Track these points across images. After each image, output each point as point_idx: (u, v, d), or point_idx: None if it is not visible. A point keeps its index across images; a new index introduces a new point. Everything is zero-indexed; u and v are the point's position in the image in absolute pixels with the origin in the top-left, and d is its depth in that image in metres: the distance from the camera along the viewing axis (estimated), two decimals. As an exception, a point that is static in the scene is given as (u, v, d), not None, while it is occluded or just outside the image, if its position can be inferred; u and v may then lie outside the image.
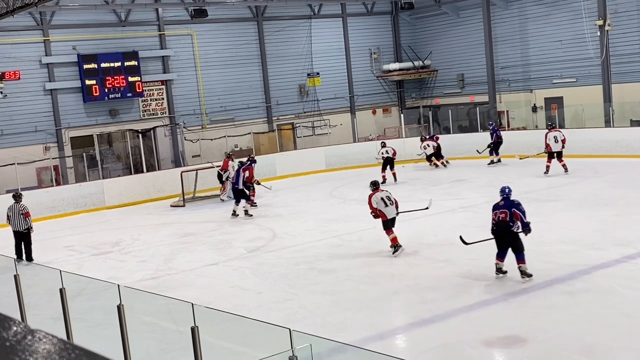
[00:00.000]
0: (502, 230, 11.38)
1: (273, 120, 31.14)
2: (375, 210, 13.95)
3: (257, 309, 10.79)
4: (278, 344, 5.94)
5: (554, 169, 21.41)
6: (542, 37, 29.32)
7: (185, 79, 29.14)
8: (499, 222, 11.38)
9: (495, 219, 11.43)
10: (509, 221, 11.27)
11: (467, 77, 32.63)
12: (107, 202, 23.80)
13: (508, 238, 11.36)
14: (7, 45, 25.31)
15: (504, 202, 11.49)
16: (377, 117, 33.69)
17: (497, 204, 11.56)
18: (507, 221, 11.28)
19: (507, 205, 11.40)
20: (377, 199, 13.95)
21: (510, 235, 11.33)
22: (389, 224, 13.90)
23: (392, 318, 10.76)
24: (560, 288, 10.95)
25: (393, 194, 14.38)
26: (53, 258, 16.18)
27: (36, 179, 25.32)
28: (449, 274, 12.18)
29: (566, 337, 9.07)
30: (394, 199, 14.08)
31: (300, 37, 31.79)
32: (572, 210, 16.42)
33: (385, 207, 13.86)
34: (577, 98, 27.49)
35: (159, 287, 12.60)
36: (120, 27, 27.73)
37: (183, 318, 7.00)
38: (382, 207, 13.87)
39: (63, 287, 8.91)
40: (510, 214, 11.28)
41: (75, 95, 26.80)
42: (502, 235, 11.41)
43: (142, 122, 28.21)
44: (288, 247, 15.44)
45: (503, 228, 11.35)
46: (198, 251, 16.07)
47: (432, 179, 23.19)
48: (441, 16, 33.24)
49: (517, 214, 11.28)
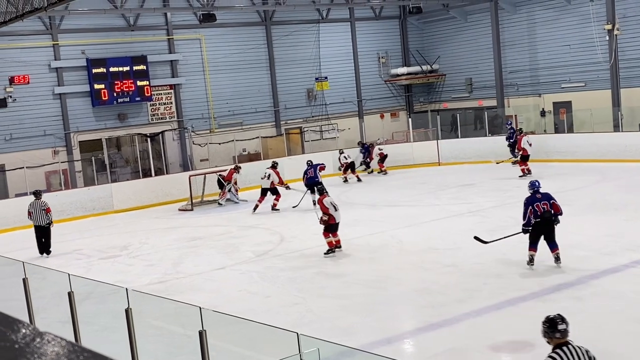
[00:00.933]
0: (545, 220, 11.92)
1: (281, 124, 31.17)
2: (328, 212, 14.45)
3: (264, 313, 10.79)
4: (286, 348, 5.94)
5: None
6: (551, 41, 29.26)
7: (193, 83, 29.19)
8: (544, 213, 11.88)
9: (539, 210, 11.88)
10: (550, 211, 11.92)
11: (475, 81, 32.59)
12: (115, 206, 23.86)
13: (548, 228, 11.97)
14: (16, 50, 25.42)
15: (541, 195, 12.04)
16: (385, 122, 33.67)
17: (534, 197, 12.00)
18: (550, 211, 11.91)
19: (546, 198, 12.01)
20: (328, 202, 14.56)
21: (550, 225, 11.98)
22: (334, 228, 14.56)
23: (399, 322, 10.74)
24: (569, 293, 10.91)
25: (398, 198, 14.38)
26: (62, 261, 16.23)
27: (45, 183, 25.40)
28: (457, 279, 12.16)
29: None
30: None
31: (308, 41, 31.81)
32: (581, 215, 16.36)
33: (335, 212, 14.49)
34: (586, 102, 27.42)
35: (167, 291, 12.62)
36: (129, 32, 27.82)
37: (191, 322, 7.01)
38: (332, 211, 14.48)
39: (71, 290, 8.93)
40: (550, 205, 11.93)
41: (84, 100, 26.89)
42: (544, 226, 11.96)
43: (151, 126, 28.28)
44: (296, 251, 15.44)
45: (547, 218, 11.91)
46: (206, 255, 16.08)
47: (440, 183, 23.16)
48: (449, 20, 33.22)
49: (557, 205, 11.99)
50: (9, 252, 16.36)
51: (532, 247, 12.06)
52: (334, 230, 14.61)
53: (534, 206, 11.90)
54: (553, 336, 6.02)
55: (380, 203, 20.74)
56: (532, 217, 11.91)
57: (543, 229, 11.94)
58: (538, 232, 11.99)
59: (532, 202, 11.95)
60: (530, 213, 11.90)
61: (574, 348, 5.90)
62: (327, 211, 14.44)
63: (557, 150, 25.14)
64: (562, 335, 5.99)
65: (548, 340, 6.07)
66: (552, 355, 5.86)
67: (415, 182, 23.92)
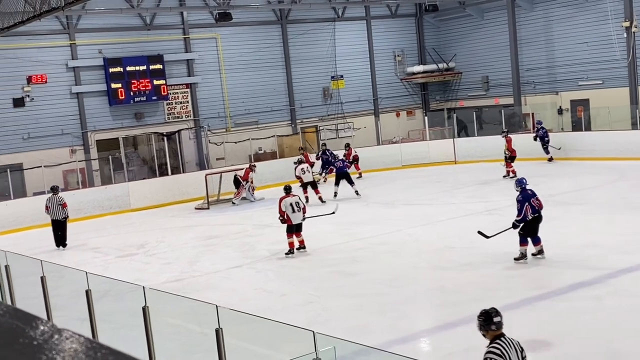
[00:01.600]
0: (540, 215, 12.42)
1: (297, 123, 31.18)
2: (284, 214, 14.71)
3: (280, 312, 10.81)
4: (302, 346, 5.95)
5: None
6: (568, 38, 29.08)
7: (209, 82, 29.26)
8: (539, 208, 12.42)
9: (536, 205, 12.37)
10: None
11: (491, 79, 32.45)
12: (132, 205, 23.98)
13: (539, 223, 12.46)
14: (34, 49, 25.59)
15: (531, 190, 12.66)
16: (401, 120, 33.61)
17: (528, 194, 12.51)
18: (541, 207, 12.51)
19: (535, 194, 12.63)
20: (287, 203, 14.77)
21: (540, 220, 12.48)
22: (293, 229, 14.82)
23: (415, 321, 10.72)
24: (587, 292, 10.85)
25: (414, 196, 14.35)
26: (79, 260, 16.33)
27: (62, 182, 25.55)
28: (473, 277, 12.11)
29: (592, 341, 8.98)
30: (302, 206, 14.94)
31: (324, 39, 31.80)
32: (598, 214, 16.26)
33: (292, 213, 14.72)
34: (603, 100, 27.22)
35: (183, 289, 12.66)
36: (146, 31, 27.93)
37: (207, 320, 7.02)
38: (289, 212, 14.71)
39: (89, 288, 8.99)
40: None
41: (101, 99, 27.03)
42: (537, 221, 12.41)
43: (167, 125, 28.38)
44: (312, 249, 15.44)
45: (540, 214, 12.43)
46: (222, 253, 16.13)
47: (456, 182, 23.08)
48: (466, 18, 33.10)
49: (541, 201, 12.61)
50: (27, 250, 16.49)
51: (525, 242, 12.44)
52: (295, 231, 14.87)
53: (531, 202, 12.36)
54: (489, 329, 6.30)
55: (397, 201, 20.70)
56: (529, 213, 12.30)
57: (536, 224, 12.40)
58: (532, 227, 12.40)
59: (528, 198, 12.40)
60: (527, 209, 12.29)
61: (509, 339, 6.21)
62: (283, 213, 14.72)
63: (575, 148, 24.99)
64: (497, 327, 6.27)
65: (484, 333, 6.36)
66: (494, 346, 6.14)
67: (431, 181, 23.86)
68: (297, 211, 14.77)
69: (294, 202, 14.82)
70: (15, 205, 22.49)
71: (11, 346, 1.18)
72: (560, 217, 15.97)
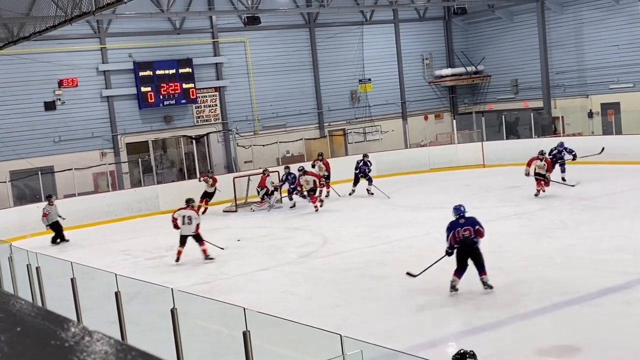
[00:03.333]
0: (467, 246, 11.53)
1: (325, 126, 31.21)
2: (175, 222, 15.85)
3: (307, 315, 10.81)
4: (329, 349, 5.95)
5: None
6: (598, 41, 28.78)
7: (238, 86, 29.40)
8: (463, 239, 11.51)
9: (458, 236, 11.52)
10: (473, 237, 11.50)
11: (521, 82, 32.20)
12: (161, 207, 24.12)
13: (472, 254, 11.54)
14: (65, 53, 25.88)
15: (465, 220, 11.65)
16: (428, 123, 33.48)
17: (457, 222, 11.64)
18: (472, 237, 11.50)
19: (469, 223, 11.61)
20: (180, 215, 15.87)
21: (474, 251, 11.53)
22: (183, 240, 15.80)
23: (443, 325, 10.67)
24: (617, 297, 10.73)
25: (442, 200, 14.28)
26: (109, 262, 16.47)
27: (93, 184, 25.83)
28: (502, 282, 12.02)
29: (622, 347, 8.88)
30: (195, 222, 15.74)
31: (352, 43, 31.80)
32: (629, 218, 16.06)
33: (183, 225, 15.80)
34: (635, 103, 26.89)
35: (211, 292, 12.72)
36: (175, 35, 28.13)
37: (235, 322, 7.05)
38: (179, 223, 15.83)
39: (118, 290, 9.06)
40: (474, 230, 11.51)
41: (131, 102, 27.27)
42: (466, 252, 11.55)
43: (196, 129, 28.55)
44: (339, 252, 15.44)
45: (468, 244, 11.52)
46: (250, 256, 16.18)
47: (485, 186, 22.93)
48: (494, 21, 32.90)
49: (481, 231, 11.59)
50: (57, 253, 16.68)
51: (457, 273, 11.58)
52: (183, 242, 15.71)
53: (455, 232, 11.57)
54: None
55: (424, 205, 20.62)
56: (453, 242, 11.57)
57: (467, 254, 11.55)
58: (461, 256, 11.60)
59: (453, 227, 11.65)
60: (452, 238, 11.57)
61: None
62: (175, 221, 15.88)
63: (606, 152, 24.70)
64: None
65: None
66: None
67: (459, 184, 23.71)
68: (187, 224, 15.71)
69: (186, 215, 15.74)
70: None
71: (43, 348, 1.20)
72: (590, 222, 15.82)
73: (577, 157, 21.82)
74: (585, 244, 11.89)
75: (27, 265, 11.53)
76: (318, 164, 23.71)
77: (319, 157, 24.09)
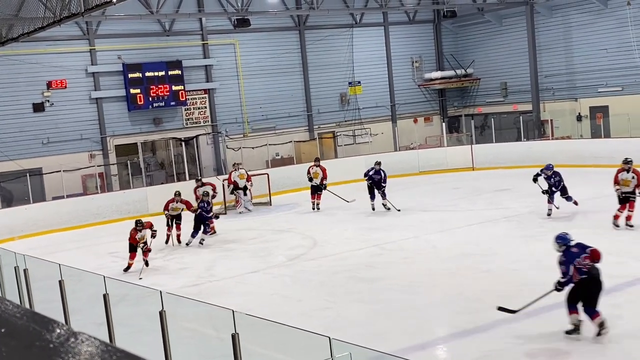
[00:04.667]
0: (596, 277, 9.28)
1: (314, 128, 31.21)
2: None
3: (297, 317, 10.80)
4: (318, 352, 5.94)
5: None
6: (587, 45, 28.93)
7: (227, 88, 29.37)
8: (592, 269, 9.26)
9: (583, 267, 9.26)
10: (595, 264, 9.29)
11: (510, 85, 32.33)
12: (150, 209, 24.02)
13: (599, 285, 9.27)
14: (54, 55, 25.79)
15: (576, 247, 9.47)
16: (418, 126, 33.54)
17: (571, 252, 9.40)
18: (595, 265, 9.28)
19: (582, 249, 9.41)
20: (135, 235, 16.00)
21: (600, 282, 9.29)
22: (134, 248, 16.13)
23: (433, 328, 10.68)
24: (605, 300, 10.73)
25: (432, 203, 14.29)
26: (97, 264, 16.41)
27: (81, 186, 25.73)
28: (491, 284, 12.05)
29: (611, 350, 8.90)
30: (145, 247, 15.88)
31: (341, 45, 31.84)
32: (618, 221, 16.09)
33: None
34: (623, 107, 27.02)
35: (200, 294, 12.68)
36: (165, 37, 28.08)
37: (224, 325, 7.03)
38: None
39: (107, 292, 9.02)
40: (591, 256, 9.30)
41: (120, 104, 27.20)
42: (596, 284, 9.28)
43: (185, 131, 28.50)
44: (328, 255, 15.43)
45: (596, 274, 9.27)
46: (239, 259, 16.15)
47: (474, 188, 22.97)
48: (484, 24, 33.01)
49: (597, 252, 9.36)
50: (46, 255, 16.59)
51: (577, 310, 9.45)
52: (133, 250, 15.92)
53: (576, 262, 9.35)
54: None
55: (414, 208, 20.64)
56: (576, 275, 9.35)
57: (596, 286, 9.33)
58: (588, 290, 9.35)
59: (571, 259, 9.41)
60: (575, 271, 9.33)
61: None
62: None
63: (594, 155, 24.80)
64: None
65: None
66: None
67: (449, 187, 23.77)
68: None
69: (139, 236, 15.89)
70: (34, 210, 22.64)
71: (28, 349, 1.18)
72: (578, 225, 15.86)
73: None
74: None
75: (14, 268, 11.47)
76: (315, 169, 22.69)
77: (315, 162, 23.10)
